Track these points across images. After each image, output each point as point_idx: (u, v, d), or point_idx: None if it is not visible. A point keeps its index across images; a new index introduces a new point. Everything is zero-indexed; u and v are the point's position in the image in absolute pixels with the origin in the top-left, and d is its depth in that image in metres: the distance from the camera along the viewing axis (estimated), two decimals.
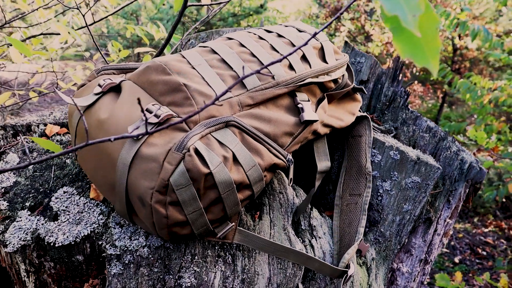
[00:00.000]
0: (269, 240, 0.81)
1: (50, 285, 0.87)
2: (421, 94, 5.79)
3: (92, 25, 1.43)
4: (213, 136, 0.72)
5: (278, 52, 0.87)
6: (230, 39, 0.90)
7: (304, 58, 0.89)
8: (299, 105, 0.83)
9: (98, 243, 0.82)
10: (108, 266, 0.79)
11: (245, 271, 0.83)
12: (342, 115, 0.96)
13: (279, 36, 0.92)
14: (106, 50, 2.60)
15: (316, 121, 0.84)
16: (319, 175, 0.92)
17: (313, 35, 0.40)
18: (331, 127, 0.93)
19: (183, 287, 0.79)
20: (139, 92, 0.77)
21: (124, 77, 0.85)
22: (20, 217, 0.87)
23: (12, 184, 0.94)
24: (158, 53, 1.22)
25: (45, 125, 1.08)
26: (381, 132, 1.17)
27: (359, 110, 1.05)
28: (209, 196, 0.71)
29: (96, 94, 0.79)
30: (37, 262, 0.85)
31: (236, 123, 0.75)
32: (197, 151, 0.68)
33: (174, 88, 0.75)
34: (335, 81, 0.93)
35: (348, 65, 0.99)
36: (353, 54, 1.31)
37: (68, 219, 0.85)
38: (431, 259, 1.16)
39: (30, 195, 0.91)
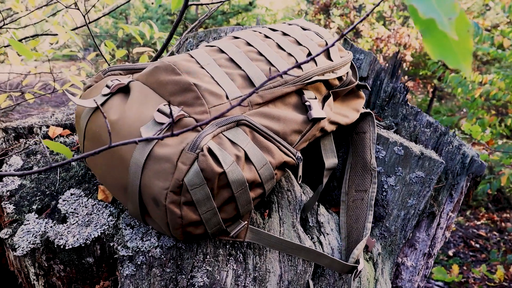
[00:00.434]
0: (280, 238, 0.81)
1: None
2: (411, 89, 5.83)
3: (91, 23, 1.42)
4: (225, 135, 0.73)
5: (284, 50, 0.87)
6: (236, 38, 0.90)
7: (310, 56, 0.89)
8: (307, 103, 0.84)
9: (109, 244, 0.82)
10: (120, 268, 0.79)
11: (256, 269, 0.83)
12: (347, 112, 0.97)
13: (284, 34, 0.92)
14: (99, 50, 2.58)
15: (324, 118, 0.85)
16: (326, 172, 0.93)
17: (341, 36, 0.41)
18: (337, 124, 0.93)
19: (195, 286, 0.79)
20: (149, 92, 0.77)
21: (131, 77, 0.85)
22: (28, 220, 0.87)
23: (17, 187, 0.93)
24: (159, 53, 1.22)
25: (48, 127, 1.08)
26: (383, 128, 1.18)
27: (363, 107, 1.06)
28: (223, 195, 0.71)
29: (105, 95, 0.79)
30: (46, 265, 0.85)
31: (247, 122, 0.75)
32: (210, 151, 0.69)
33: (185, 88, 0.75)
34: (339, 78, 0.94)
35: (351, 62, 0.99)
36: (352, 51, 1.32)
37: (77, 221, 0.85)
38: (434, 253, 1.17)
39: (37, 197, 0.91)
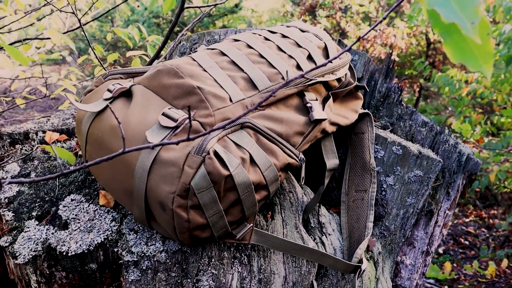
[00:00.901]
0: (285, 239, 0.82)
1: None
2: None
3: (85, 25, 1.40)
4: (230, 138, 0.73)
5: (285, 52, 0.87)
6: (236, 40, 0.90)
7: (310, 57, 0.90)
8: (308, 105, 0.84)
9: (113, 250, 0.81)
10: (125, 273, 0.79)
11: (261, 271, 0.83)
12: (347, 113, 0.98)
13: (284, 36, 0.93)
14: (88, 54, 2.56)
15: (325, 119, 0.85)
16: (328, 173, 0.93)
17: (358, 39, 0.41)
18: (337, 125, 0.94)
19: None
20: (152, 96, 0.77)
21: (132, 81, 0.84)
22: (28, 227, 0.86)
23: (15, 193, 0.92)
24: (155, 56, 1.22)
25: (44, 132, 1.06)
26: (380, 128, 1.19)
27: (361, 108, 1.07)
28: (229, 198, 0.71)
29: (106, 99, 0.79)
30: (48, 272, 0.84)
31: (251, 124, 0.75)
32: (216, 154, 0.69)
33: (188, 92, 0.75)
34: (338, 80, 0.94)
35: (349, 63, 1.00)
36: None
37: (79, 227, 0.84)
38: (432, 251, 1.18)
39: (36, 204, 0.90)
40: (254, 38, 0.90)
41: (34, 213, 0.88)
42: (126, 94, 0.80)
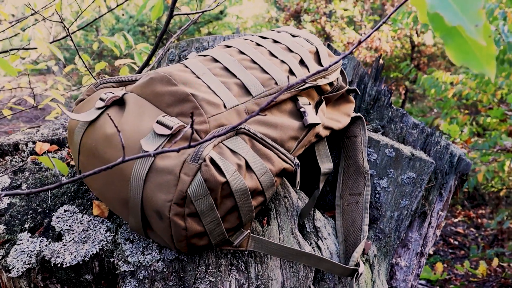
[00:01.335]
0: (282, 245, 0.81)
1: None
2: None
3: (73, 33, 1.39)
4: (225, 145, 0.72)
5: (277, 58, 0.88)
6: (228, 46, 0.90)
7: (302, 62, 0.90)
8: (302, 109, 0.84)
9: (109, 260, 0.80)
10: (122, 284, 0.78)
11: (258, 277, 0.83)
12: (339, 117, 0.98)
13: (275, 41, 0.93)
14: (74, 63, 2.54)
15: (319, 124, 0.85)
16: (322, 177, 0.93)
17: (359, 43, 0.41)
18: (330, 129, 0.94)
19: None
20: (145, 104, 0.76)
21: (124, 90, 0.83)
22: (21, 240, 0.84)
23: (6, 206, 0.91)
24: (145, 64, 1.21)
25: (34, 143, 1.05)
26: (372, 131, 1.19)
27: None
28: (226, 205, 0.71)
29: (99, 108, 0.78)
30: (42, 285, 0.82)
31: (246, 130, 0.75)
32: (212, 161, 0.68)
33: (182, 99, 0.74)
34: (330, 84, 0.95)
35: (341, 67, 1.01)
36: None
37: (73, 238, 0.83)
38: (426, 252, 1.19)
39: (28, 216, 0.88)
40: (245, 44, 0.90)
41: (26, 225, 0.87)
42: (119, 103, 0.79)
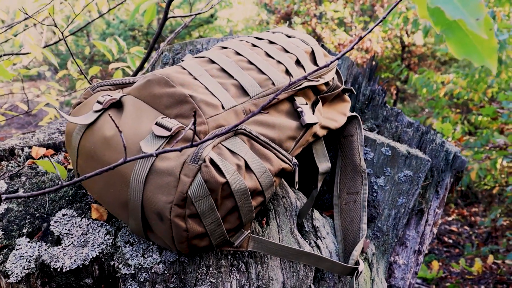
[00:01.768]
0: (282, 245, 0.81)
1: None
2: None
3: (67, 37, 1.39)
4: (224, 145, 0.72)
5: (273, 58, 0.88)
6: (224, 48, 0.90)
7: (298, 62, 0.90)
8: (299, 109, 0.85)
9: (109, 264, 0.80)
10: (123, 286, 0.77)
11: (259, 277, 0.83)
12: (336, 116, 0.98)
13: (271, 42, 0.93)
14: (66, 68, 2.53)
15: (316, 123, 0.86)
16: (320, 177, 0.94)
17: (359, 39, 0.42)
18: (327, 128, 0.94)
19: None
20: (143, 106, 0.76)
21: (121, 92, 0.83)
22: (20, 245, 0.84)
23: (3, 211, 0.90)
24: (139, 67, 1.21)
25: (30, 147, 1.04)
26: (368, 130, 1.20)
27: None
28: (226, 205, 0.71)
29: (97, 111, 0.78)
30: None
31: (244, 131, 0.75)
32: (212, 161, 0.68)
33: (180, 100, 0.74)
34: (326, 83, 0.95)
35: (336, 67, 1.01)
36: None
37: (72, 242, 0.83)
38: (423, 249, 1.20)
39: (26, 221, 0.88)
40: (242, 45, 0.90)
41: (24, 230, 0.86)
42: (117, 105, 0.79)
